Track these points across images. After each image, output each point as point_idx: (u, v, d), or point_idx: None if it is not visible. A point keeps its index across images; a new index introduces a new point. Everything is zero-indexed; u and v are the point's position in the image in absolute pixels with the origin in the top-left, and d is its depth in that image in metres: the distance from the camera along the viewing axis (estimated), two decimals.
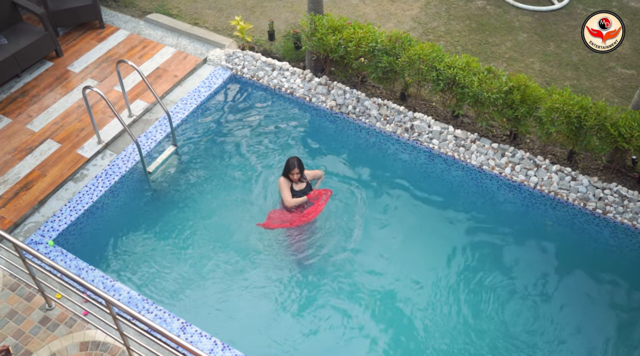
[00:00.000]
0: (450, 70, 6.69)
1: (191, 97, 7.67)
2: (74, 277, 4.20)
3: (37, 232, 6.12)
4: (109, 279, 5.74)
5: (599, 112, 6.20)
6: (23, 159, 6.86)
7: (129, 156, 6.91)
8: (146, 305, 5.55)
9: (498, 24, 8.80)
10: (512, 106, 6.58)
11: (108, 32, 8.63)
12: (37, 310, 5.35)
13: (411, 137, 7.17)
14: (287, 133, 7.46)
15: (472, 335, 5.67)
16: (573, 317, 5.80)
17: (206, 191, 6.79)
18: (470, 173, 6.93)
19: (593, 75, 7.95)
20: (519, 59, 8.21)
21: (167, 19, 8.82)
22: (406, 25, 8.77)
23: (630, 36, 8.52)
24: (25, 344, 5.10)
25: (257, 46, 8.40)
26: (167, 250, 6.24)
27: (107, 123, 7.29)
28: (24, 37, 7.74)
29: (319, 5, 7.43)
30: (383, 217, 6.57)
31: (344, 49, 7.13)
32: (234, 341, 5.35)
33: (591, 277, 6.13)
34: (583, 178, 6.61)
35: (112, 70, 7.99)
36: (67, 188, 6.62)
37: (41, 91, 7.70)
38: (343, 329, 5.71)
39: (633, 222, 6.29)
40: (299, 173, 5.99)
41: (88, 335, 5.19)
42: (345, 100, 7.53)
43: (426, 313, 5.82)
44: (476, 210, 6.69)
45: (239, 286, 5.98)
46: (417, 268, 6.14)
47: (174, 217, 6.54)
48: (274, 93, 7.87)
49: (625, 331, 5.72)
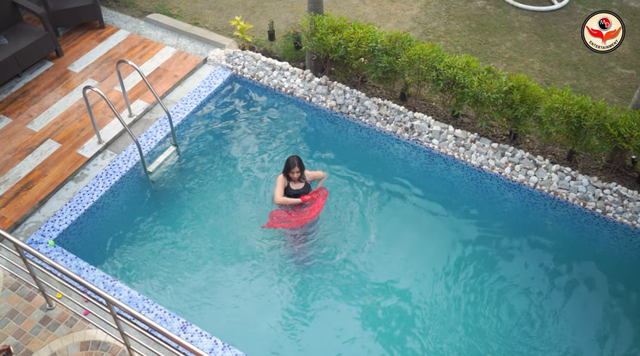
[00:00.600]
0: (450, 70, 6.70)
1: (191, 97, 7.68)
2: (74, 277, 4.21)
3: (37, 232, 6.13)
4: (110, 279, 5.75)
5: (598, 112, 6.21)
6: (23, 159, 6.87)
7: (130, 156, 6.92)
8: (146, 304, 5.56)
9: (498, 24, 8.81)
10: (512, 106, 6.59)
11: (108, 32, 8.64)
12: (37, 310, 5.35)
13: (411, 136, 7.18)
14: (287, 133, 7.47)
15: (471, 334, 5.68)
16: (572, 316, 5.81)
17: (206, 191, 6.80)
18: (470, 173, 6.94)
19: (593, 75, 7.96)
20: (518, 58, 8.22)
21: (168, 19, 8.83)
22: (406, 25, 8.78)
23: (630, 36, 8.53)
24: (26, 343, 5.11)
25: (257, 46, 8.41)
26: (167, 250, 6.25)
27: (108, 123, 7.30)
28: (25, 37, 7.75)
29: (319, 5, 7.44)
30: (383, 217, 6.58)
31: (344, 49, 7.14)
32: (234, 341, 5.36)
33: (591, 276, 6.13)
34: (583, 178, 6.62)
35: (112, 70, 8.00)
36: (68, 188, 6.62)
37: (41, 91, 7.71)
38: (343, 328, 5.72)
39: (633, 221, 6.30)
40: (299, 172, 5.99)
41: (89, 335, 5.20)
42: (345, 100, 7.54)
43: (426, 312, 5.83)
44: (476, 209, 6.70)
45: (239, 286, 5.99)
46: (417, 267, 6.15)
47: (174, 216, 6.55)
48: (274, 93, 7.88)
49: (625, 330, 5.72)
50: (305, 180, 6.20)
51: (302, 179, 6.14)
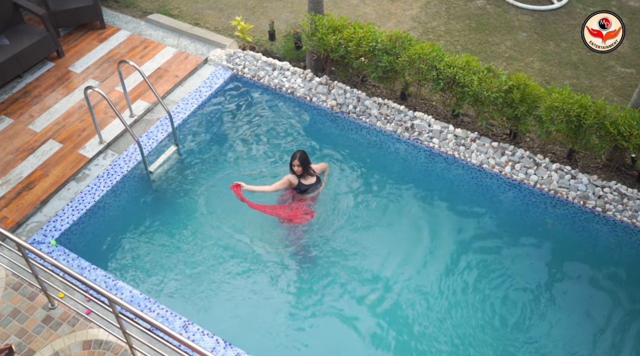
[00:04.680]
0: (450, 69, 6.71)
1: (192, 97, 7.70)
2: (76, 276, 4.22)
3: (39, 232, 6.15)
4: (111, 278, 5.77)
5: (598, 111, 6.22)
6: (25, 159, 6.89)
7: (131, 156, 6.94)
8: (148, 303, 5.58)
9: (498, 24, 8.82)
10: (512, 105, 6.60)
11: (109, 32, 8.66)
12: (40, 309, 5.37)
13: (411, 136, 7.20)
14: (288, 133, 7.49)
15: (470, 334, 5.69)
16: (572, 315, 5.82)
17: (207, 190, 6.81)
18: (471, 172, 6.96)
19: (592, 74, 7.98)
20: (518, 58, 8.23)
21: (168, 19, 8.85)
22: (406, 24, 8.79)
23: (629, 35, 8.54)
24: (29, 343, 5.13)
25: (258, 46, 8.43)
26: (168, 249, 6.27)
27: (109, 123, 7.32)
28: (26, 37, 7.77)
29: (319, 5, 7.46)
30: (383, 216, 6.59)
31: (345, 48, 7.16)
32: (236, 340, 5.38)
33: (591, 275, 6.15)
34: (583, 176, 6.63)
35: (113, 70, 8.02)
36: (69, 188, 6.64)
37: (43, 91, 7.73)
38: (343, 327, 5.73)
39: (632, 219, 6.32)
40: (299, 165, 6.05)
41: (91, 334, 5.22)
42: (345, 99, 7.56)
43: (426, 311, 5.84)
44: (476, 208, 6.71)
45: (241, 285, 6.01)
46: (417, 266, 6.16)
47: (175, 216, 6.57)
48: (275, 93, 7.90)
49: (625, 328, 5.74)
50: (316, 174, 6.29)
51: (312, 173, 6.22)
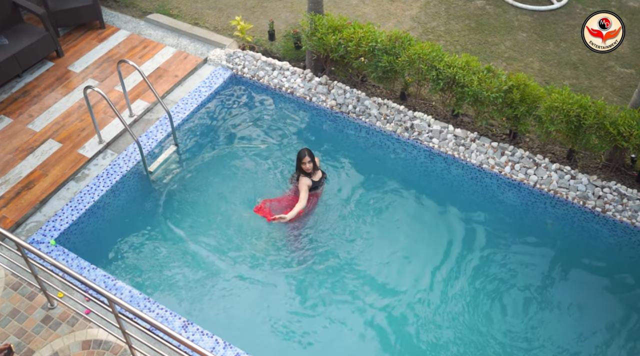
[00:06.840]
0: (450, 69, 6.71)
1: (192, 97, 7.70)
2: (76, 276, 4.22)
3: (38, 232, 6.14)
4: (111, 278, 5.76)
5: (598, 111, 6.22)
6: (24, 159, 6.88)
7: (130, 156, 6.93)
8: (148, 303, 5.57)
9: (497, 24, 8.83)
10: (512, 105, 6.60)
11: (108, 32, 8.65)
12: (39, 309, 5.37)
13: (411, 136, 7.19)
14: (288, 133, 7.48)
15: (470, 333, 5.69)
16: (572, 314, 5.83)
17: (207, 190, 6.81)
18: (470, 172, 6.96)
19: (592, 74, 7.98)
20: (518, 58, 8.24)
21: (168, 19, 8.84)
22: (406, 24, 8.79)
23: (629, 35, 8.55)
24: (28, 343, 5.12)
25: (258, 46, 8.42)
26: (168, 249, 6.27)
27: (108, 123, 7.31)
28: (25, 37, 7.76)
29: (319, 5, 7.45)
30: (383, 216, 6.59)
31: (344, 48, 7.15)
32: (235, 340, 5.37)
33: (590, 275, 6.16)
34: (582, 176, 6.63)
35: (112, 70, 8.02)
36: (69, 188, 6.64)
37: (42, 91, 7.72)
38: (343, 327, 5.73)
39: (632, 220, 6.32)
40: (311, 161, 6.05)
41: (90, 334, 5.22)
42: (345, 99, 7.56)
43: (425, 310, 5.84)
44: (476, 208, 6.72)
45: (240, 285, 6.01)
46: (417, 265, 6.17)
47: (175, 216, 6.57)
48: (275, 93, 7.90)
49: (625, 328, 5.74)
50: (321, 168, 6.34)
51: (319, 167, 6.27)
